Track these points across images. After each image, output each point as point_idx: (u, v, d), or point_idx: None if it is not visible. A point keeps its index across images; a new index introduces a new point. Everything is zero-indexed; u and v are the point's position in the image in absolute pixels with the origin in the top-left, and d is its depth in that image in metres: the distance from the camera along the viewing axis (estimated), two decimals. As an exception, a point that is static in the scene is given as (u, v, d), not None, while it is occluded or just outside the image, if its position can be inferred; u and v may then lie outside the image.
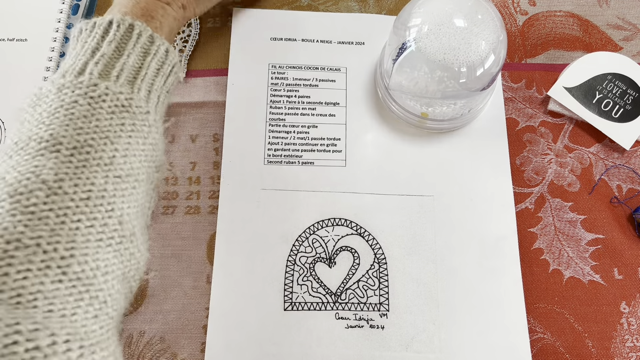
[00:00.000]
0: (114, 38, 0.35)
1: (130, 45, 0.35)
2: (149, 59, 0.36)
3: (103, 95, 0.32)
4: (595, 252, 0.46)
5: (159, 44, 0.37)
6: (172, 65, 0.38)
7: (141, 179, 0.34)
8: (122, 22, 0.36)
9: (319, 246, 0.46)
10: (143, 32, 0.36)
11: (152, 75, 0.36)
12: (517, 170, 0.49)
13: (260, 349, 0.42)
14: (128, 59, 0.35)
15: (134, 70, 0.35)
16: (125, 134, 0.33)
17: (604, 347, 0.44)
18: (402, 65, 0.44)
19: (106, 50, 0.34)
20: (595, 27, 0.54)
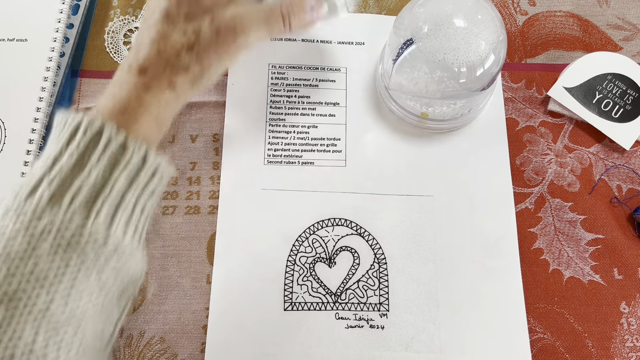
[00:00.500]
0: (77, 148, 0.30)
1: (95, 157, 0.30)
2: (117, 172, 0.31)
3: (46, 231, 0.28)
4: (595, 252, 0.46)
5: (133, 150, 0.31)
6: (151, 171, 0.32)
7: (89, 316, 0.29)
8: (90, 125, 0.30)
9: (319, 246, 0.46)
10: (113, 138, 0.31)
11: (120, 190, 0.31)
12: (517, 170, 0.49)
13: (260, 349, 0.42)
14: (89, 175, 0.30)
15: (96, 189, 0.30)
16: (70, 274, 0.28)
17: (603, 347, 0.44)
18: (402, 65, 0.44)
19: (65, 164, 0.30)
20: (595, 27, 0.54)
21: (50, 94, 0.49)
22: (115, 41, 0.52)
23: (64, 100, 0.50)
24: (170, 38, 0.35)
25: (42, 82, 0.49)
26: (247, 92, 0.50)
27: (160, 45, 0.34)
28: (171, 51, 0.34)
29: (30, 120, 0.48)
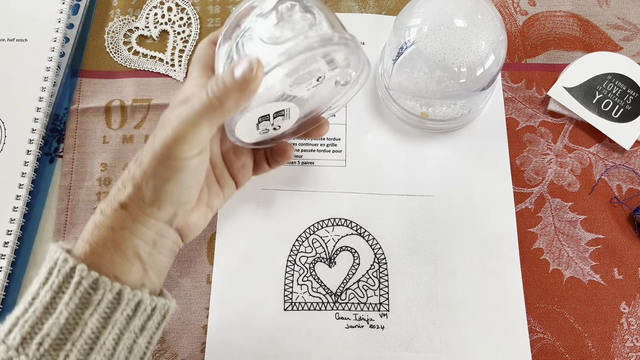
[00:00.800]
0: (50, 288, 0.30)
1: (66, 298, 0.30)
2: (89, 312, 0.30)
3: None
4: (595, 252, 0.46)
5: (104, 289, 0.30)
6: (131, 307, 0.31)
7: None
8: (63, 265, 0.30)
9: (319, 246, 0.46)
10: (84, 278, 0.30)
11: (93, 330, 0.30)
12: (517, 170, 0.49)
13: (260, 349, 0.42)
14: (59, 318, 0.29)
15: (67, 331, 0.29)
16: None
17: (603, 347, 0.44)
18: (402, 66, 0.44)
19: (38, 305, 0.30)
20: (595, 27, 0.54)
21: (50, 94, 0.49)
22: (115, 41, 0.52)
23: (64, 100, 0.50)
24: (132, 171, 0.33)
25: (42, 82, 0.49)
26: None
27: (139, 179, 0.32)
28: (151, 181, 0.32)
29: (30, 120, 0.48)
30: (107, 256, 0.31)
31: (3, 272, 0.43)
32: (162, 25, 0.53)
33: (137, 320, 0.32)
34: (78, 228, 0.46)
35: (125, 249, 0.32)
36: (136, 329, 0.32)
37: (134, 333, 0.32)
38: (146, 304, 0.32)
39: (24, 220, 0.45)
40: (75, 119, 0.50)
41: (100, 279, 0.30)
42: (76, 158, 0.48)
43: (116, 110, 0.50)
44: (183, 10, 0.54)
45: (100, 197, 0.47)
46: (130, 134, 0.49)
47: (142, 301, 0.32)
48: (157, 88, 0.51)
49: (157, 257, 0.34)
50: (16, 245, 0.45)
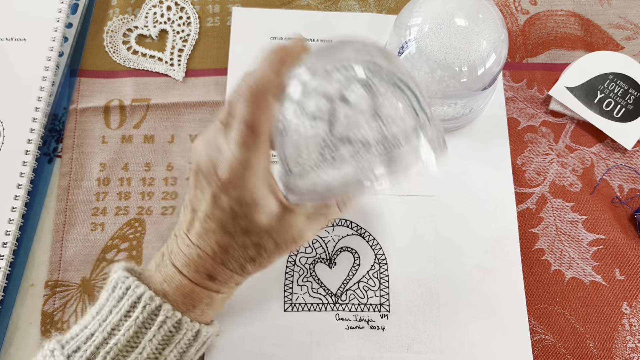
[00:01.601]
0: (135, 322, 0.32)
1: (150, 334, 0.32)
2: (168, 351, 0.32)
3: None
4: (597, 252, 0.46)
5: (186, 329, 0.33)
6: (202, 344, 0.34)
7: None
8: (150, 302, 0.32)
9: (319, 247, 0.45)
10: (169, 318, 0.32)
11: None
12: (518, 170, 0.48)
13: (260, 350, 0.42)
14: (142, 352, 0.31)
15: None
16: None
17: (605, 348, 0.43)
18: (402, 65, 0.44)
19: (121, 338, 0.31)
20: (596, 26, 0.54)
21: (49, 94, 0.49)
22: (114, 40, 0.52)
23: (62, 100, 0.50)
24: (231, 251, 0.33)
25: (41, 81, 0.49)
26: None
27: (223, 257, 0.33)
28: (235, 264, 0.34)
29: (28, 120, 0.48)
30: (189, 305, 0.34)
31: (2, 272, 0.43)
32: (162, 25, 0.53)
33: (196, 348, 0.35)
34: (77, 228, 0.46)
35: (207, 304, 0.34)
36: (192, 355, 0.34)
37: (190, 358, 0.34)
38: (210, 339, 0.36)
39: (22, 220, 0.45)
40: (74, 118, 0.49)
41: (183, 319, 0.32)
42: (75, 158, 0.48)
43: (115, 110, 0.50)
44: (182, 9, 0.53)
45: (99, 197, 0.47)
46: (130, 134, 0.49)
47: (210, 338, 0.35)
48: (156, 88, 0.51)
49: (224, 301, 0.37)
50: (14, 246, 0.44)
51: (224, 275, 0.34)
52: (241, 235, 0.32)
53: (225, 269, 0.34)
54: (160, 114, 0.50)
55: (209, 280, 0.33)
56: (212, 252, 0.33)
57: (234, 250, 0.33)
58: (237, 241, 0.33)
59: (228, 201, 0.32)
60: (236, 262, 0.33)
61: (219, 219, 0.32)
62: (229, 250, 0.33)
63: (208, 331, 0.34)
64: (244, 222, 0.32)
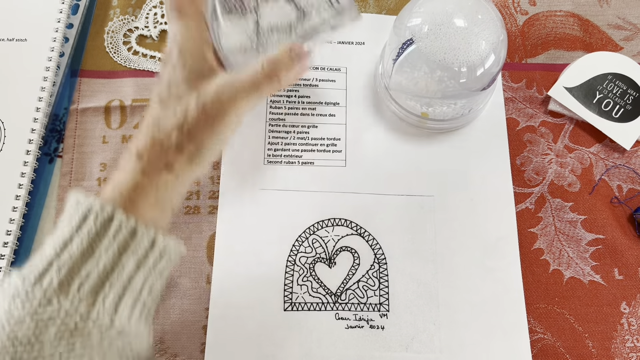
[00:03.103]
0: (87, 234, 0.31)
1: (105, 243, 0.31)
2: (126, 258, 0.31)
3: (53, 318, 0.29)
4: (596, 252, 0.46)
5: (142, 235, 0.32)
6: (159, 253, 0.33)
7: None
8: (101, 211, 0.31)
9: (319, 246, 0.45)
10: (123, 225, 0.31)
11: (128, 274, 0.32)
12: (517, 170, 0.49)
13: (260, 349, 0.42)
14: (98, 262, 0.31)
15: (104, 275, 0.31)
16: (74, 357, 0.29)
17: (604, 348, 0.44)
18: (402, 65, 0.44)
19: (75, 250, 0.30)
20: (595, 27, 0.54)
21: (50, 94, 0.49)
22: (114, 41, 0.52)
23: (63, 100, 0.50)
24: (161, 121, 0.34)
25: (41, 82, 0.49)
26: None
27: (153, 130, 0.34)
28: (163, 134, 0.34)
29: (29, 120, 0.48)
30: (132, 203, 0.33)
31: (2, 272, 0.43)
32: (162, 25, 0.53)
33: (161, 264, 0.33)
34: (78, 228, 0.46)
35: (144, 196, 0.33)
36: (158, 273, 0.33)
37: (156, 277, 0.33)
38: (170, 252, 0.34)
39: (23, 220, 0.45)
40: (75, 119, 0.49)
41: (138, 225, 0.32)
42: (76, 158, 0.48)
43: (116, 110, 0.50)
44: (183, 10, 0.54)
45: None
46: (130, 134, 0.49)
47: (167, 248, 0.33)
48: (156, 88, 0.51)
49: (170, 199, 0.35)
50: (15, 246, 0.45)
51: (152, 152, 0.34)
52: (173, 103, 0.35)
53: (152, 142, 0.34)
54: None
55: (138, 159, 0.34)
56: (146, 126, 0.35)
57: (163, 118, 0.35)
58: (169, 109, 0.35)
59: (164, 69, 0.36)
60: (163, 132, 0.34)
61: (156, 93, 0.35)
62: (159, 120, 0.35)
63: (166, 241, 0.33)
64: (175, 88, 0.35)
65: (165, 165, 0.34)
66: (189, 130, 0.34)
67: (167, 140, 0.34)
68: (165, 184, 0.34)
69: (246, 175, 0.47)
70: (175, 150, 0.34)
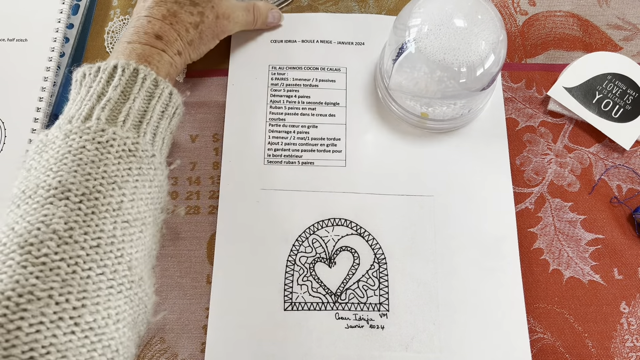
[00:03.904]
0: (119, 82, 0.36)
1: (136, 89, 0.36)
2: (154, 102, 0.37)
3: (111, 140, 0.33)
4: (595, 252, 0.46)
5: (163, 87, 0.38)
6: (175, 107, 0.39)
7: (148, 222, 0.34)
8: (127, 66, 0.37)
9: (319, 246, 0.46)
10: (147, 76, 0.37)
11: (157, 118, 0.37)
12: (517, 170, 0.49)
13: (260, 349, 0.42)
14: (134, 103, 0.36)
15: (140, 114, 0.36)
16: (132, 179, 0.33)
17: (603, 347, 0.44)
18: (402, 66, 0.44)
19: (112, 95, 0.35)
20: (595, 27, 0.54)
21: (50, 94, 0.49)
22: (115, 41, 0.52)
23: (64, 101, 0.50)
24: (179, 16, 0.42)
25: (42, 82, 0.49)
26: (247, 92, 0.50)
27: (172, 20, 0.41)
28: (181, 26, 0.42)
29: (30, 121, 0.48)
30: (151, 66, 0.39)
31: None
32: (162, 25, 0.53)
33: (175, 118, 0.40)
34: (78, 228, 0.46)
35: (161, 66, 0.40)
36: (173, 125, 0.40)
37: (172, 128, 0.40)
38: (181, 107, 0.40)
39: (23, 220, 0.45)
40: (75, 119, 0.49)
41: (159, 77, 0.38)
42: (76, 158, 0.48)
43: (116, 110, 0.50)
44: (183, 10, 0.54)
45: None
46: (130, 134, 0.49)
47: (179, 101, 0.40)
48: (157, 88, 0.51)
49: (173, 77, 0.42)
50: (16, 245, 0.44)
51: (170, 36, 0.41)
52: (188, 5, 0.42)
53: (172, 30, 0.41)
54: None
55: (157, 39, 0.40)
56: (162, 17, 0.41)
57: (180, 14, 0.42)
58: (184, 9, 0.42)
59: None
60: (182, 25, 0.42)
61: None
62: (177, 15, 0.42)
63: (179, 96, 0.40)
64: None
65: (177, 51, 0.42)
66: (202, 30, 0.43)
67: (184, 32, 0.42)
68: (175, 65, 0.42)
69: (246, 175, 0.47)
70: (188, 43, 0.43)
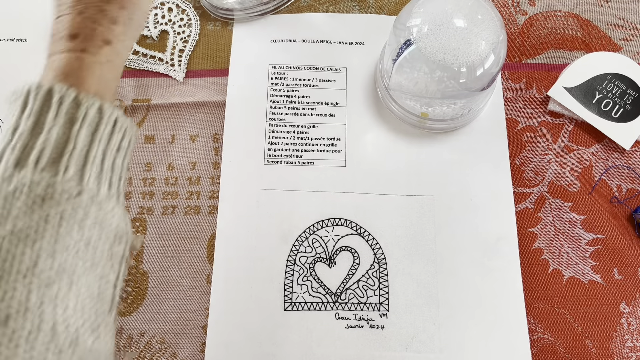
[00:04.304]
0: (32, 111, 0.30)
1: (51, 115, 0.30)
2: (77, 127, 0.30)
3: (18, 189, 0.28)
4: (595, 252, 0.46)
5: (87, 105, 0.31)
6: (111, 124, 0.32)
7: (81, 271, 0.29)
8: (39, 89, 0.31)
9: (319, 246, 0.46)
10: (65, 95, 0.31)
11: (84, 144, 0.31)
12: (517, 170, 0.49)
13: (260, 349, 0.42)
14: (49, 134, 0.30)
15: (59, 147, 0.30)
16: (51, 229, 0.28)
17: (603, 347, 0.44)
18: (402, 66, 0.44)
19: (24, 129, 0.30)
20: (595, 27, 0.54)
21: (50, 94, 0.49)
22: (115, 41, 0.52)
23: (64, 100, 0.50)
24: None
25: None
26: (247, 92, 0.50)
27: (80, 7, 0.34)
28: (93, 9, 0.34)
29: (30, 120, 0.48)
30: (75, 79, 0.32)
31: None
32: (162, 26, 0.53)
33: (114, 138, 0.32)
34: (78, 228, 0.46)
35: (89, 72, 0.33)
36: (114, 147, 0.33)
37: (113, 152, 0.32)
38: (122, 123, 0.33)
39: (23, 220, 0.45)
40: (75, 119, 0.49)
41: (81, 94, 0.31)
42: (76, 158, 0.48)
43: (116, 110, 0.50)
44: (184, 11, 0.54)
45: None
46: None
47: (119, 119, 0.32)
48: (156, 88, 0.51)
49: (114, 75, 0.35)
50: (16, 245, 0.44)
51: (85, 27, 0.34)
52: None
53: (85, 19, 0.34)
54: (161, 114, 0.50)
55: (71, 39, 0.33)
56: (69, 8, 0.34)
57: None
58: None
59: None
60: (93, 7, 0.34)
61: None
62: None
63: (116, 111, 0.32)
64: None
65: (104, 41, 0.34)
66: None
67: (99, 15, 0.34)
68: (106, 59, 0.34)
69: (246, 175, 0.47)
70: (110, 23, 0.34)
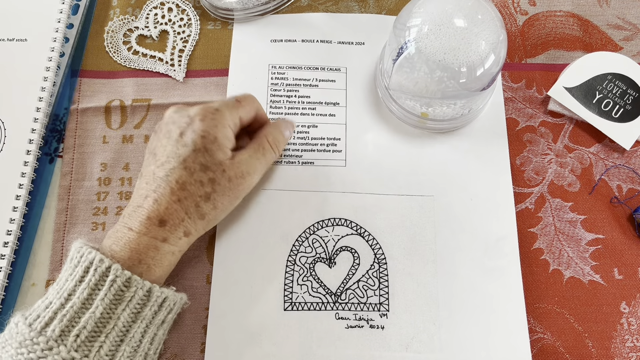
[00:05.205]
0: (88, 285, 0.34)
1: (102, 294, 0.34)
2: (121, 308, 0.34)
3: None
4: (596, 252, 0.46)
5: (136, 288, 0.34)
6: (157, 304, 0.36)
7: None
8: (100, 264, 0.34)
9: (319, 246, 0.46)
10: (118, 277, 0.34)
11: (125, 324, 0.34)
12: (517, 170, 0.49)
13: (260, 349, 0.42)
14: (95, 311, 0.33)
15: (101, 325, 0.33)
16: None
17: (604, 347, 0.44)
18: (401, 66, 0.44)
19: (76, 301, 0.33)
20: (595, 27, 0.54)
21: (50, 94, 0.49)
22: (114, 41, 0.52)
23: (63, 100, 0.50)
24: (188, 188, 0.37)
25: (42, 82, 0.49)
26: (247, 92, 0.50)
27: (180, 195, 0.37)
28: (191, 202, 0.37)
29: (30, 120, 0.48)
30: (143, 266, 0.36)
31: (3, 272, 0.43)
32: (162, 26, 0.53)
33: (161, 314, 0.36)
34: (78, 228, 0.46)
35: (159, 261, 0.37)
36: (158, 322, 0.36)
37: (156, 326, 0.36)
38: (170, 300, 0.36)
39: (23, 220, 0.45)
40: (75, 119, 0.50)
41: (133, 277, 0.34)
42: (76, 158, 0.48)
43: (116, 110, 0.50)
44: (184, 11, 0.54)
45: (100, 197, 0.47)
46: (130, 134, 0.49)
47: (167, 298, 0.36)
48: (157, 88, 0.51)
49: (176, 261, 0.39)
50: (16, 246, 0.45)
51: (176, 217, 0.37)
52: (199, 171, 0.37)
53: (179, 209, 0.37)
54: (161, 114, 0.50)
55: (160, 225, 0.36)
56: (170, 192, 0.36)
57: (190, 185, 0.37)
58: (194, 176, 0.37)
59: (192, 134, 0.37)
60: (191, 200, 0.37)
61: (181, 155, 0.37)
62: (186, 187, 0.37)
63: (164, 292, 0.36)
64: (203, 157, 0.37)
65: (185, 233, 0.38)
66: (215, 200, 0.38)
67: (193, 209, 0.37)
68: (179, 249, 0.38)
69: (246, 175, 0.47)
70: (199, 218, 0.38)
